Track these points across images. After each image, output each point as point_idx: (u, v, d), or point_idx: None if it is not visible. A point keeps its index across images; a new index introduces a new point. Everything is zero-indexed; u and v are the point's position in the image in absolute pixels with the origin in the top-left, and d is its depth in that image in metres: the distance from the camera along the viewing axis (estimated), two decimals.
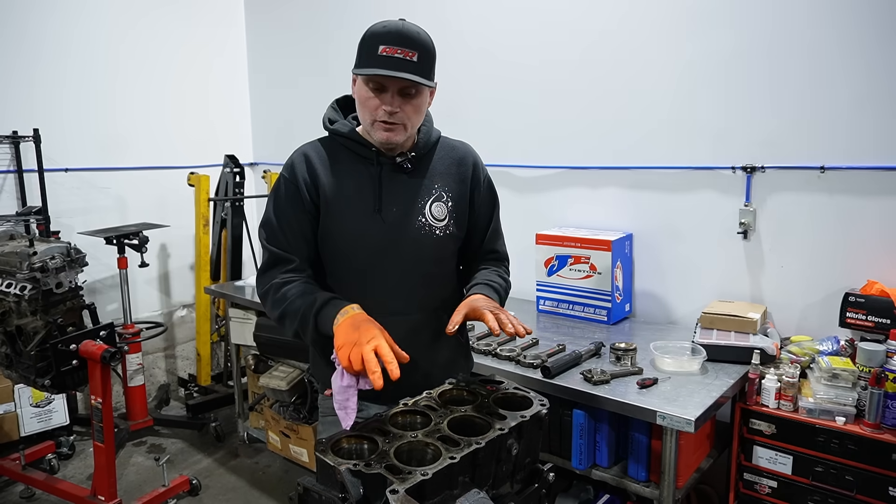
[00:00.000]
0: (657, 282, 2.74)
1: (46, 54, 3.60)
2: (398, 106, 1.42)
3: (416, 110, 1.46)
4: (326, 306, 1.38)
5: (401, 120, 1.44)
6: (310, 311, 1.39)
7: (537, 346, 2.35)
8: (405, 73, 1.37)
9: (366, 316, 1.34)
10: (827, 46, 2.20)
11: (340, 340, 1.27)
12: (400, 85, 1.41)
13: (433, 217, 1.54)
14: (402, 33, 1.39)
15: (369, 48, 1.39)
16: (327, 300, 1.39)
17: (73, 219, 3.71)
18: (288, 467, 3.27)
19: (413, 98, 1.44)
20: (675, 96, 2.57)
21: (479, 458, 1.17)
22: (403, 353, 1.26)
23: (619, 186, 2.79)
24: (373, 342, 1.23)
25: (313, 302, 1.39)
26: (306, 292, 1.43)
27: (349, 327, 1.30)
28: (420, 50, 1.39)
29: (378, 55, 1.37)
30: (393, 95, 1.41)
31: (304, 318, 1.40)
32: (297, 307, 1.41)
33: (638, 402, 1.85)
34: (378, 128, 1.45)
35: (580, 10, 2.80)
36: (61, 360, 2.53)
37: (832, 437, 1.86)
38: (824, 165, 2.25)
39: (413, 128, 1.49)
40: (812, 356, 2.07)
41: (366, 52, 1.40)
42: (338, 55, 3.85)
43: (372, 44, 1.39)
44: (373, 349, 1.21)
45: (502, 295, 1.59)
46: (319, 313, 1.38)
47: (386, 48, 1.37)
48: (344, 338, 1.27)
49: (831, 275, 2.28)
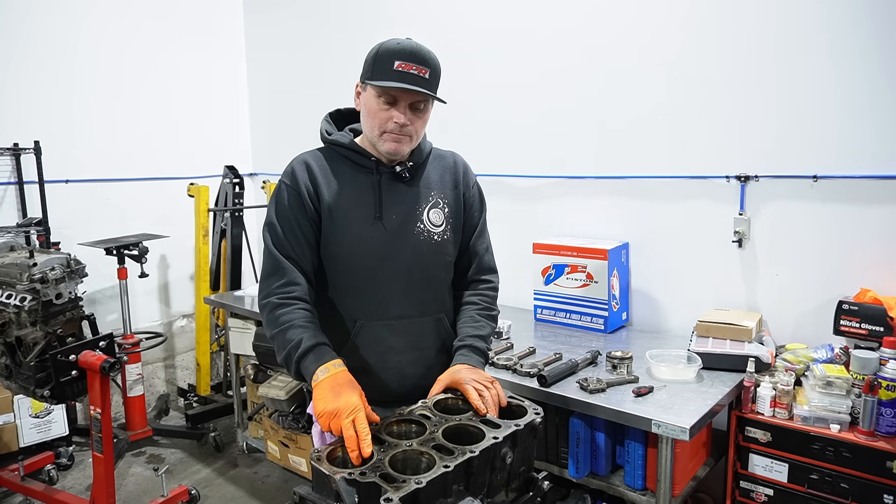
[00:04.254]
0: (653, 290, 2.75)
1: (47, 67, 3.64)
2: (409, 119, 1.49)
3: (423, 124, 1.55)
4: (309, 355, 1.42)
5: (409, 133, 1.52)
6: (294, 352, 1.43)
7: (534, 354, 2.36)
8: (420, 88, 1.45)
9: (347, 376, 1.39)
10: (820, 55, 2.23)
11: (320, 407, 1.32)
12: (412, 99, 1.49)
13: (431, 223, 1.60)
14: (416, 51, 1.47)
15: (384, 63, 1.46)
16: (312, 346, 1.42)
17: (74, 230, 3.72)
18: (287, 477, 3.27)
19: (422, 112, 1.53)
20: (670, 106, 2.60)
21: (474, 466, 1.19)
22: (375, 416, 1.33)
23: (615, 195, 2.81)
24: (351, 415, 1.27)
25: (298, 344, 1.43)
26: (295, 325, 1.45)
27: (329, 391, 1.34)
28: (431, 68, 1.48)
29: (394, 70, 1.45)
30: (404, 109, 1.49)
31: (287, 358, 1.45)
32: (283, 342, 1.45)
33: (634, 410, 1.86)
34: (387, 139, 1.51)
35: (574, 23, 2.83)
36: (61, 370, 2.53)
37: (827, 445, 1.86)
38: (817, 174, 2.27)
39: (418, 139, 1.57)
40: (807, 364, 2.08)
41: (380, 67, 1.47)
42: (336, 66, 3.89)
43: (387, 59, 1.46)
44: (351, 423, 1.25)
45: (488, 345, 1.64)
46: (302, 360, 1.42)
47: (402, 64, 1.45)
48: (323, 404, 1.32)
49: (825, 283, 2.30)
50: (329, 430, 1.29)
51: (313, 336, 1.45)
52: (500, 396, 1.42)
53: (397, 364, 1.59)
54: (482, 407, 1.37)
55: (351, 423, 1.25)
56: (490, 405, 1.38)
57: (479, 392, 1.40)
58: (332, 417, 1.29)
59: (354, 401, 1.31)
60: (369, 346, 1.58)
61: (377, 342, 1.58)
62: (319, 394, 1.35)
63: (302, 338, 1.43)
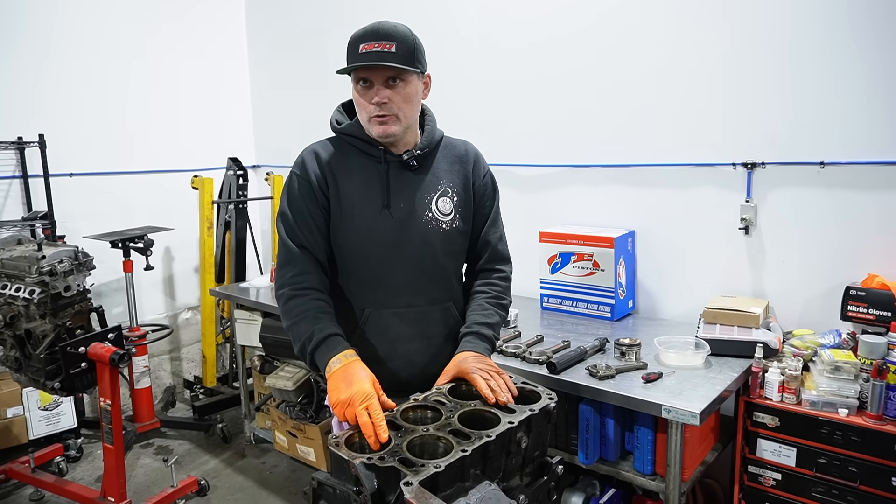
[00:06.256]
0: (660, 278, 2.76)
1: (51, 60, 3.63)
2: (386, 97, 1.48)
3: (405, 100, 1.51)
4: (322, 346, 1.44)
5: (391, 111, 1.50)
6: (307, 344, 1.45)
7: (542, 342, 2.37)
8: (382, 62, 1.45)
9: (359, 365, 1.40)
10: (826, 41, 2.22)
11: (334, 397, 1.34)
12: (383, 77, 1.48)
13: (440, 212, 1.60)
14: (378, 30, 1.48)
15: (352, 49, 1.50)
16: (324, 337, 1.44)
17: (78, 223, 3.72)
18: (295, 467, 3.29)
19: (399, 87, 1.50)
20: (676, 94, 2.59)
21: (490, 451, 1.20)
22: (390, 402, 1.34)
23: (621, 184, 2.81)
24: (364, 402, 1.28)
25: (311, 336, 1.45)
26: (308, 316, 1.48)
27: (341, 381, 1.36)
28: (398, 41, 1.47)
29: (359, 53, 1.47)
30: (379, 88, 1.49)
31: (302, 349, 1.48)
32: (297, 334, 1.48)
33: (643, 396, 1.87)
34: (373, 123, 1.51)
35: (583, 11, 2.82)
36: (70, 362, 2.55)
37: (835, 429, 1.88)
38: (824, 161, 2.27)
39: (407, 118, 1.54)
40: (814, 349, 2.09)
41: (349, 54, 1.50)
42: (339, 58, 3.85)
43: (354, 45, 1.49)
44: (365, 409, 1.27)
45: (496, 333, 1.62)
46: (315, 351, 1.44)
47: (365, 45, 1.47)
48: (336, 394, 1.34)
49: (832, 269, 2.30)
50: (345, 420, 1.30)
51: (326, 327, 1.46)
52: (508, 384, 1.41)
53: (406, 352, 1.60)
54: (490, 396, 1.35)
55: (364, 410, 1.26)
56: (501, 390, 1.37)
57: (486, 381, 1.39)
58: (346, 406, 1.30)
59: (367, 388, 1.32)
60: (378, 334, 1.59)
61: (386, 330, 1.59)
62: (332, 384, 1.37)
63: (314, 329, 1.45)
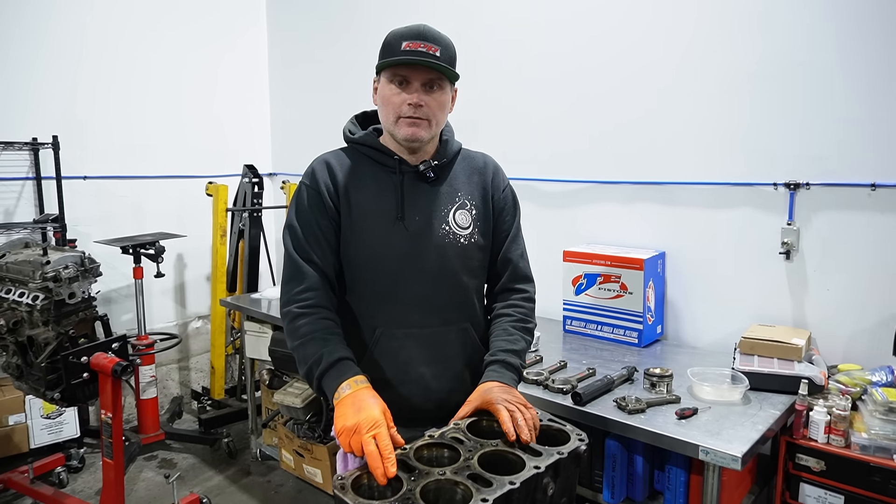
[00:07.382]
0: (691, 303, 2.60)
1: (66, 62, 3.59)
2: (422, 100, 1.40)
3: (440, 106, 1.44)
4: (331, 371, 1.33)
5: (425, 115, 1.42)
6: (315, 368, 1.34)
7: (565, 369, 2.23)
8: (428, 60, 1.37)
9: (370, 392, 1.29)
10: (877, 55, 2.07)
11: (339, 423, 1.23)
12: (423, 78, 1.40)
13: (457, 225, 1.50)
14: (424, 31, 1.40)
15: (392, 45, 1.40)
16: (334, 361, 1.33)
17: (90, 227, 3.67)
18: (301, 487, 3.16)
19: (436, 93, 1.43)
20: (713, 108, 2.45)
21: (514, 500, 1.06)
22: (400, 439, 1.22)
23: (652, 202, 2.67)
24: (372, 430, 1.18)
25: (319, 360, 1.34)
26: (315, 337, 1.37)
27: (349, 407, 1.25)
28: (442, 46, 1.40)
29: (402, 50, 1.38)
30: (417, 89, 1.40)
31: (308, 373, 1.36)
32: (303, 356, 1.37)
33: (678, 434, 1.72)
34: (403, 124, 1.42)
35: (612, 22, 2.70)
36: (72, 372, 2.46)
37: (890, 477, 1.71)
38: (875, 183, 2.11)
39: (437, 126, 1.46)
40: (864, 387, 1.93)
41: (389, 50, 1.41)
42: (357, 66, 3.79)
43: (394, 41, 1.40)
44: (372, 438, 1.16)
45: (523, 360, 1.50)
46: (324, 377, 1.33)
47: (409, 43, 1.38)
48: (343, 421, 1.23)
49: (883, 299, 2.13)
50: (350, 450, 1.19)
51: (335, 350, 1.35)
52: (535, 421, 1.29)
53: (419, 377, 1.48)
54: (511, 431, 1.23)
55: (372, 439, 1.15)
56: (524, 429, 1.25)
57: (511, 413, 1.27)
58: (352, 434, 1.19)
59: (375, 415, 1.21)
60: (389, 356, 1.47)
61: (397, 352, 1.47)
62: (340, 411, 1.25)
63: (323, 352, 1.34)
